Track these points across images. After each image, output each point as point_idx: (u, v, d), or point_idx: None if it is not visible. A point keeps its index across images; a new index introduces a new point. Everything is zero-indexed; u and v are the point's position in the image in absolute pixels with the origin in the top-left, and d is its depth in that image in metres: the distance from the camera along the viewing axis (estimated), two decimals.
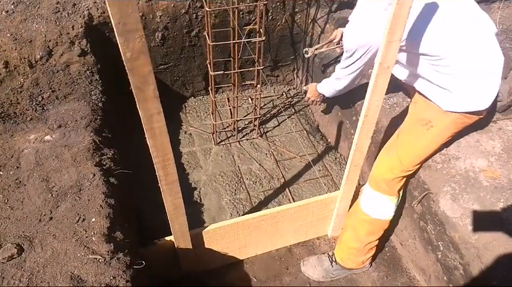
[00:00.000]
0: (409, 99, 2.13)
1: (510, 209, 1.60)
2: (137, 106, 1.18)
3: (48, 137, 1.89)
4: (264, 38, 2.15)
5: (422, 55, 1.60)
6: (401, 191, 1.84)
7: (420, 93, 1.77)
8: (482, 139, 1.90)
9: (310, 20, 2.65)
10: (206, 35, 2.12)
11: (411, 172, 1.78)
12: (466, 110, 1.62)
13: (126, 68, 1.07)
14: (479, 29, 1.59)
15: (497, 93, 1.93)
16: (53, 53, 2.12)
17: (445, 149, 1.85)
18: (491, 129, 1.95)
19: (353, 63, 1.81)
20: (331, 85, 2.16)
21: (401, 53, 1.64)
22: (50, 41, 2.11)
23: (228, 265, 2.10)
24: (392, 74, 1.48)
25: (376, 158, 1.87)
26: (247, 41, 2.29)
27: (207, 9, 1.97)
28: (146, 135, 1.27)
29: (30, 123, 1.98)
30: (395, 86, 1.97)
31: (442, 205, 1.71)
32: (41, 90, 2.08)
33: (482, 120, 1.96)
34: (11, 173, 1.74)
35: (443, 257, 1.76)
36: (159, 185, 1.46)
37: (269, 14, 2.57)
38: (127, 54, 1.03)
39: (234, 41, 2.14)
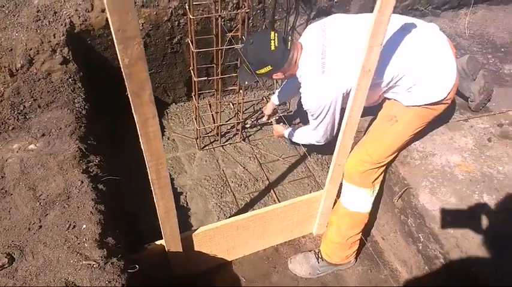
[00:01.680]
0: None
1: (485, 200, 1.71)
2: (133, 111, 1.20)
3: (32, 146, 1.87)
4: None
5: (384, 82, 1.78)
6: (377, 184, 1.93)
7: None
8: (456, 137, 2.02)
9: (289, 28, 2.73)
10: (190, 42, 2.16)
11: (382, 164, 1.88)
12: (425, 102, 1.77)
13: (123, 74, 1.10)
14: (427, 37, 1.78)
15: (470, 94, 2.08)
16: (34, 61, 2.10)
17: (421, 146, 1.96)
18: (464, 127, 2.08)
19: (324, 118, 1.92)
20: (313, 139, 2.15)
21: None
22: (30, 49, 2.09)
23: (217, 266, 2.13)
24: None
25: None
26: (229, 48, 2.34)
27: (190, 16, 2.00)
28: (141, 140, 1.29)
29: (12, 132, 1.95)
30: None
31: (422, 198, 1.81)
32: (22, 99, 2.05)
33: (453, 118, 2.11)
34: None
35: (423, 248, 1.86)
36: (152, 188, 1.48)
37: (250, 21, 2.64)
38: (125, 61, 1.06)
39: (217, 48, 2.18)
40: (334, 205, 2.13)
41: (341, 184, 2.03)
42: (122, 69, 1.08)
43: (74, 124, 1.98)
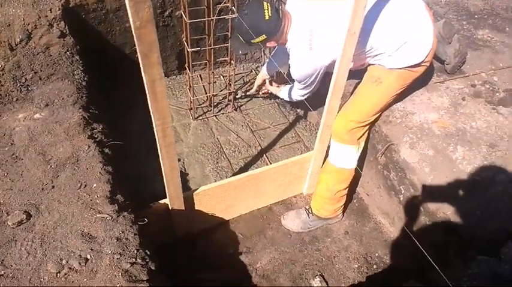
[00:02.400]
0: None
1: (459, 151, 1.90)
2: (142, 72, 1.32)
3: (37, 115, 1.97)
4: (236, 15, 2.31)
5: (366, 50, 1.93)
6: (362, 141, 2.10)
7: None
8: (433, 97, 2.20)
9: (275, 0, 2.82)
10: (183, 14, 2.25)
11: (367, 123, 2.04)
12: (406, 65, 1.92)
13: (134, 37, 1.20)
14: (404, 4, 1.92)
15: (446, 57, 2.24)
16: (32, 35, 2.17)
17: (402, 106, 2.13)
18: (440, 89, 2.25)
19: (309, 84, 2.13)
20: (298, 95, 2.35)
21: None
22: (28, 24, 2.15)
23: (216, 225, 2.29)
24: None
25: None
26: (220, 19, 2.44)
27: None
28: (149, 100, 1.41)
29: (16, 103, 2.04)
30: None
31: (402, 153, 1.99)
32: (23, 72, 2.13)
33: (430, 81, 2.28)
34: (6, 149, 1.81)
35: (404, 198, 2.05)
36: (158, 147, 1.61)
37: None
38: (136, 23, 1.16)
39: (210, 18, 2.29)
40: (322, 166, 2.30)
41: (329, 146, 2.20)
42: (133, 32, 1.19)
43: (75, 94, 2.08)
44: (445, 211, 1.80)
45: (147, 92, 1.38)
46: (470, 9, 2.87)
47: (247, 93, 2.99)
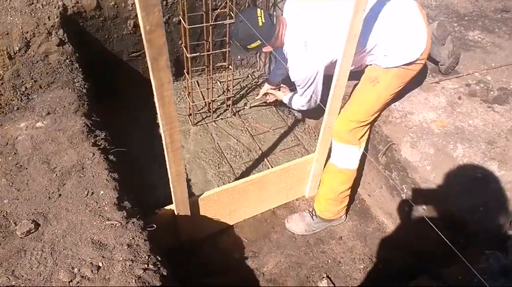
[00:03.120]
0: None
1: (459, 149, 1.94)
2: (151, 76, 1.33)
3: (39, 124, 1.95)
4: (234, 20, 2.33)
5: (361, 51, 1.97)
6: (363, 141, 2.13)
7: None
8: (430, 97, 2.24)
9: (271, 4, 2.87)
10: (182, 20, 2.27)
11: (367, 122, 2.08)
12: (401, 63, 1.97)
13: (144, 41, 1.21)
14: (396, 5, 1.96)
15: (440, 58, 2.30)
16: (30, 44, 2.16)
17: (401, 106, 2.17)
18: (436, 89, 2.31)
19: (309, 86, 2.16)
20: (300, 104, 2.39)
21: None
22: (27, 32, 2.14)
23: (220, 230, 2.29)
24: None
25: None
26: (217, 24, 2.46)
27: None
28: (157, 104, 1.41)
29: (17, 112, 2.02)
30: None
31: (404, 152, 2.02)
32: (22, 81, 2.12)
33: (425, 81, 2.33)
34: (10, 158, 1.79)
35: (407, 197, 2.08)
36: (165, 152, 1.61)
37: None
38: (146, 27, 1.17)
39: (209, 24, 2.31)
40: (324, 168, 2.32)
41: (330, 148, 2.22)
42: (143, 36, 1.19)
43: (77, 102, 2.07)
44: (448, 208, 1.83)
45: (155, 96, 1.38)
46: (460, 12, 2.95)
47: (252, 105, 3.00)
